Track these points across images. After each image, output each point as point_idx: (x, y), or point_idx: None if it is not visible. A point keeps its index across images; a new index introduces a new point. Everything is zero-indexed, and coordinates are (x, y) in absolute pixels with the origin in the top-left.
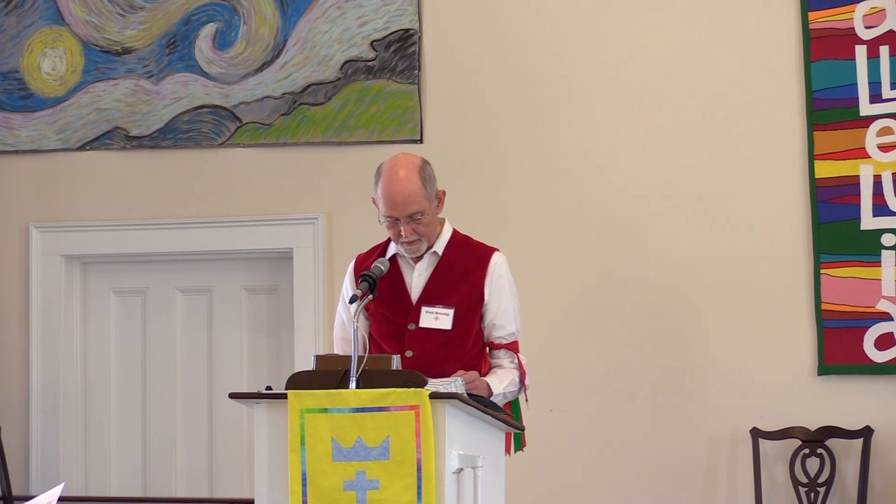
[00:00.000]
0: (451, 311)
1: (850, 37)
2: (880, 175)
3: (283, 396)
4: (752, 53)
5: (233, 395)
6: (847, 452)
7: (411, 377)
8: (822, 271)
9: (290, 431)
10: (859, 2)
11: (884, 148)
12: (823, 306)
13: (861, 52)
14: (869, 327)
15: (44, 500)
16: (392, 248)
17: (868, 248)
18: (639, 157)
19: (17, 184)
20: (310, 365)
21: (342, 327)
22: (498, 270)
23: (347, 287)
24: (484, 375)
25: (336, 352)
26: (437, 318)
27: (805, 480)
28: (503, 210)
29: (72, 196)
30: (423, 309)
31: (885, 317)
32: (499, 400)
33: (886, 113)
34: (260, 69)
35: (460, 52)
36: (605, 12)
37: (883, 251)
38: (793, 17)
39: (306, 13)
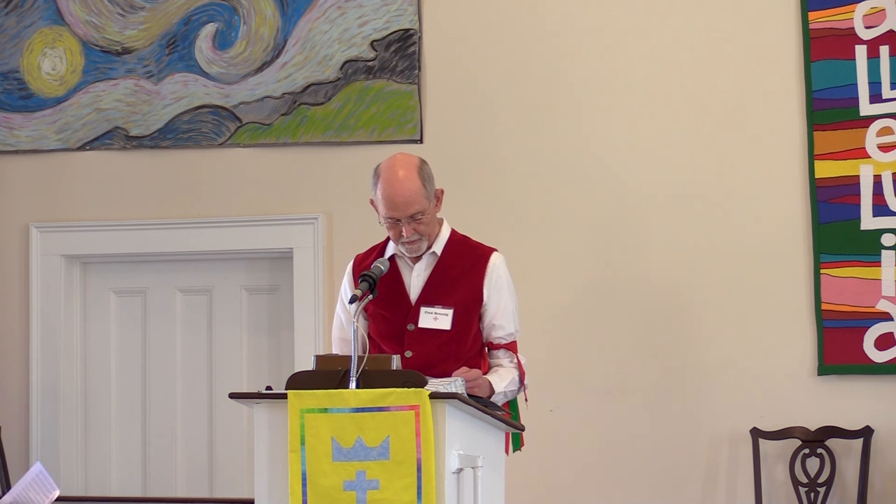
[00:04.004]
0: (450, 312)
1: (850, 37)
2: (880, 175)
3: (283, 396)
4: (752, 53)
5: (233, 395)
6: (847, 452)
7: (411, 377)
8: (822, 271)
9: (290, 431)
10: (859, 2)
11: (884, 148)
12: (823, 306)
13: (861, 52)
14: (869, 327)
15: (34, 492)
16: (391, 248)
17: (868, 248)
18: (639, 157)
19: (17, 184)
20: (310, 365)
21: (341, 328)
22: (496, 271)
23: (346, 287)
24: (484, 375)
25: (335, 352)
26: (437, 319)
27: (805, 480)
28: (503, 210)
29: (72, 196)
30: (423, 309)
31: (885, 317)
32: (500, 399)
33: (886, 113)
34: (260, 69)
35: (460, 52)
36: (605, 12)
37: (883, 251)
38: (793, 17)
39: (306, 13)
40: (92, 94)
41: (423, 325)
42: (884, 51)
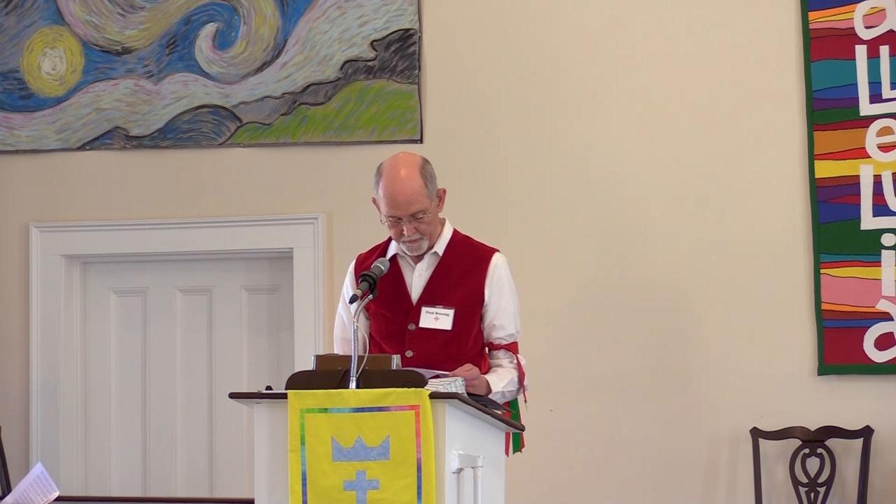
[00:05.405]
0: (451, 312)
1: (850, 37)
2: (880, 175)
3: (283, 396)
4: (752, 53)
5: (233, 395)
6: (847, 452)
7: (411, 377)
8: (822, 271)
9: (290, 431)
10: (859, 2)
11: (884, 148)
12: (823, 306)
13: (861, 52)
14: (869, 327)
15: (34, 493)
16: (392, 248)
17: (868, 248)
18: (639, 157)
19: (17, 184)
20: (310, 365)
21: (342, 327)
22: (498, 271)
23: (348, 287)
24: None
25: (336, 352)
26: (438, 319)
27: (805, 480)
28: (503, 210)
29: (72, 196)
30: (424, 309)
31: (885, 317)
32: (497, 398)
33: (886, 113)
34: (260, 69)
35: (460, 52)
36: (605, 13)
37: (883, 251)
38: (793, 17)
39: (306, 13)
40: (92, 94)
41: (424, 325)
42: (884, 51)
